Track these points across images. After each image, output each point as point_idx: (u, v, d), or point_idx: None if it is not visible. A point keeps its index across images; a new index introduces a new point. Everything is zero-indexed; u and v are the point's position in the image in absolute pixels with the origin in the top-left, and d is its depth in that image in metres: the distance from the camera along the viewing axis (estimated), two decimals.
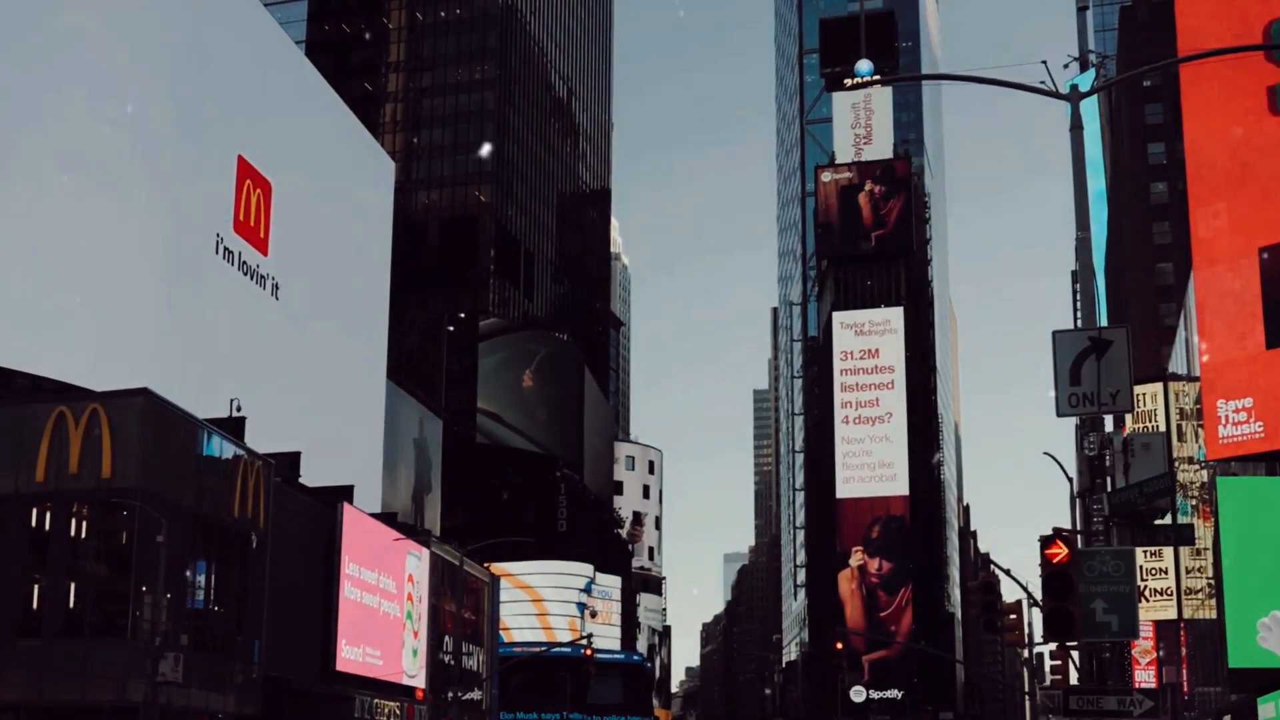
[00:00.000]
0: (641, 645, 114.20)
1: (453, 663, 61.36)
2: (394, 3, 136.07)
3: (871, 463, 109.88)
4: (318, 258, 61.17)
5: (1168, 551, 49.32)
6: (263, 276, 54.73)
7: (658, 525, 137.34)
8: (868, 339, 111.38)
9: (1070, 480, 44.24)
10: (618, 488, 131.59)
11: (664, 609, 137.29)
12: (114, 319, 44.76)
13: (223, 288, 51.56)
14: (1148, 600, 50.35)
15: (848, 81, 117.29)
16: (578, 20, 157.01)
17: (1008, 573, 50.27)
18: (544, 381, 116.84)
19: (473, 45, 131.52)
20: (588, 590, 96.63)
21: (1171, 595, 50.83)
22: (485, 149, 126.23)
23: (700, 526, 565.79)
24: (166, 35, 48.71)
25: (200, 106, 50.49)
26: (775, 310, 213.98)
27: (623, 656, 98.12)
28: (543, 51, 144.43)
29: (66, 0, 44.17)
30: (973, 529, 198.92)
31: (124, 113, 45.79)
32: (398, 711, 52.88)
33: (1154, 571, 50.91)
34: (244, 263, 53.08)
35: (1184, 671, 53.86)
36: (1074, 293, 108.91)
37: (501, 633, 76.54)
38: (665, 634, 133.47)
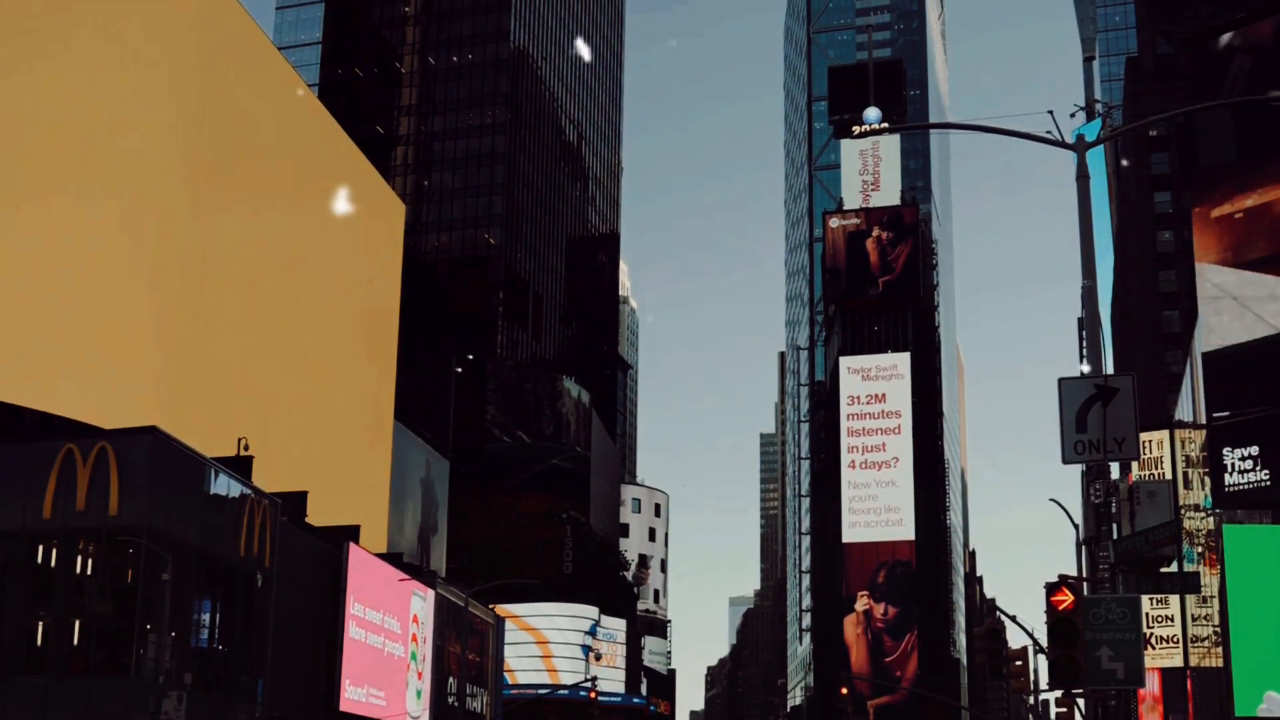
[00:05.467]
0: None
1: (456, 704, 61.13)
2: (407, 47, 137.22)
3: (878, 507, 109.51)
4: (328, 298, 61.47)
5: (1173, 599, 49.15)
6: (273, 316, 54.98)
7: (663, 568, 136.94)
8: (875, 384, 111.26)
9: (1076, 527, 44.22)
10: (624, 530, 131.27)
11: (669, 652, 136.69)
12: (123, 356, 44.96)
13: (232, 327, 51.79)
14: (1153, 648, 50.06)
15: (856, 129, 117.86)
16: (588, 65, 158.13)
17: (1013, 619, 50.07)
18: None
19: (484, 90, 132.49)
20: (592, 633, 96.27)
21: (1177, 643, 50.57)
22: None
23: (706, 570, 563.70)
24: (181, 75, 49.19)
25: (214, 146, 50.91)
26: (783, 354, 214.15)
27: (621, 699, 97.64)
28: (553, 96, 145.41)
29: (81, 38, 44.61)
30: (978, 575, 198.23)
31: (136, 151, 46.17)
32: None
33: (1159, 619, 50.66)
34: (255, 301, 53.34)
35: None
36: (1080, 340, 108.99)
37: (505, 675, 76.26)
38: (670, 677, 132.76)
